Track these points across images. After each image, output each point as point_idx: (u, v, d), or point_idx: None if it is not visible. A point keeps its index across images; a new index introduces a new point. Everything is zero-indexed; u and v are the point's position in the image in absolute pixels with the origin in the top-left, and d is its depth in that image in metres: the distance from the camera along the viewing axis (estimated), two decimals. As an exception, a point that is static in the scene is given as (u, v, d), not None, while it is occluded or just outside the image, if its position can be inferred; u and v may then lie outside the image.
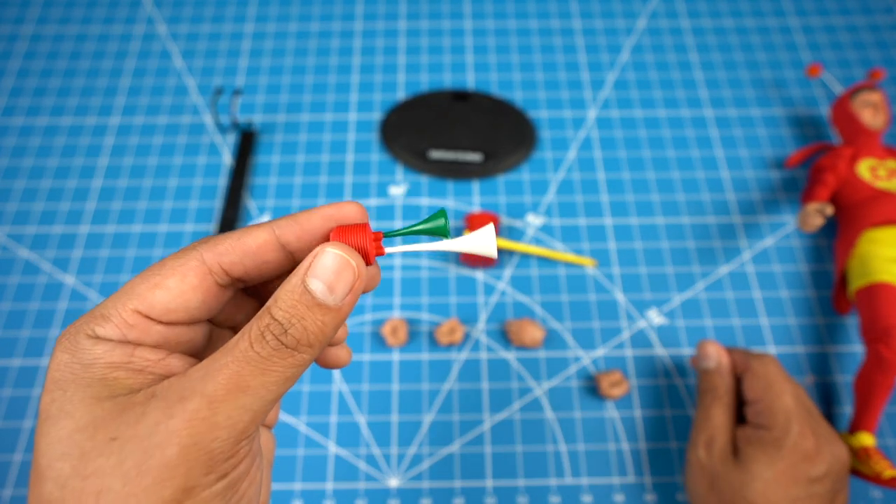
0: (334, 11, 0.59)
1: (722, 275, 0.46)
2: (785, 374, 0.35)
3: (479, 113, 0.52)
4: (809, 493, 0.32)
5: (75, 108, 0.53)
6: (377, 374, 0.42)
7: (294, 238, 0.18)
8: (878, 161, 0.45)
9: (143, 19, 0.59)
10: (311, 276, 0.16)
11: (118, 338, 0.17)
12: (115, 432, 0.15)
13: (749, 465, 0.32)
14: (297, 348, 0.16)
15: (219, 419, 0.15)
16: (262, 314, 0.16)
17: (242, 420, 0.15)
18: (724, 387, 0.36)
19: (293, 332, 0.16)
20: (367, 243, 0.17)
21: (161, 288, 0.17)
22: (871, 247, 0.41)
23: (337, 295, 0.16)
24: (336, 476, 0.39)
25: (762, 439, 0.33)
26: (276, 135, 0.52)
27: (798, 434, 0.32)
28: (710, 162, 0.51)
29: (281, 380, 0.16)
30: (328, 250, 0.16)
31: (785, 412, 0.33)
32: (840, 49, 0.57)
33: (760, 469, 0.32)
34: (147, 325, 0.17)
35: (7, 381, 0.42)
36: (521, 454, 0.40)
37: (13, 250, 0.47)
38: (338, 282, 0.16)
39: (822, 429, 0.34)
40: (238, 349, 0.16)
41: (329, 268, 0.16)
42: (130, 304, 0.17)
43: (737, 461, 0.33)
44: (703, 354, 0.38)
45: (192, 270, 0.17)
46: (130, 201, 0.49)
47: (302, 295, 0.16)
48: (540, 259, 0.46)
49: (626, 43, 0.58)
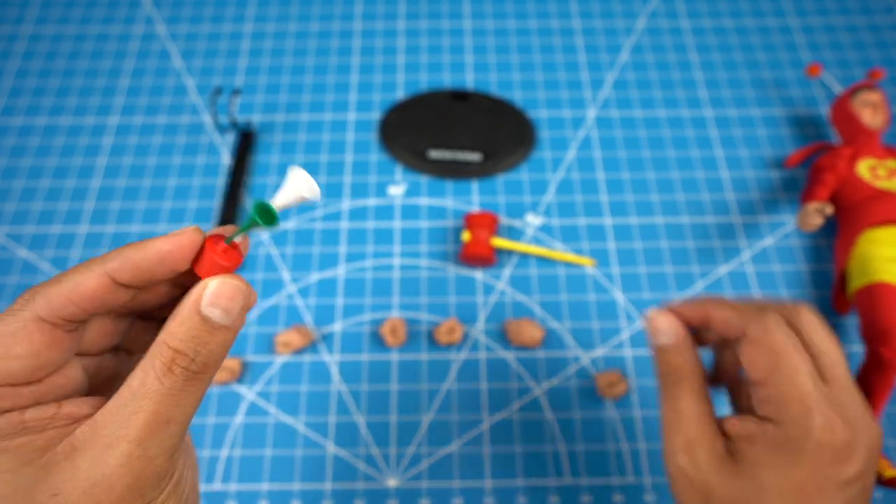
0: (333, 11, 0.59)
1: (721, 275, 0.46)
2: (798, 337, 0.25)
3: (479, 113, 0.52)
4: (845, 500, 0.23)
5: (74, 108, 0.53)
6: (376, 374, 0.42)
7: (132, 278, 0.18)
8: (877, 161, 0.45)
9: (143, 19, 0.59)
10: (206, 305, 0.17)
11: None
12: (54, 489, 0.16)
13: (756, 473, 0.24)
14: (204, 371, 0.18)
15: (152, 453, 0.17)
16: (158, 349, 0.17)
17: (172, 443, 0.17)
18: (689, 365, 0.27)
19: (200, 359, 0.17)
20: (226, 263, 0.18)
21: (10, 359, 0.16)
22: (870, 247, 0.41)
23: (232, 315, 0.18)
24: (335, 476, 0.39)
25: (771, 439, 0.24)
26: (275, 134, 0.52)
27: (823, 429, 0.23)
28: (710, 162, 0.51)
29: (195, 402, 0.18)
30: (213, 281, 0.18)
31: (801, 400, 0.23)
32: (840, 49, 0.57)
33: (772, 478, 0.23)
34: (15, 392, 0.17)
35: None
36: (520, 454, 0.40)
37: (12, 250, 0.47)
38: (231, 304, 0.18)
39: (852, 408, 0.24)
40: (148, 388, 0.17)
41: (223, 294, 0.17)
42: None
43: (737, 467, 0.24)
44: (654, 329, 0.28)
45: (35, 332, 0.17)
46: (129, 201, 0.49)
47: (202, 323, 0.17)
48: (539, 259, 0.46)
49: (625, 43, 0.57)
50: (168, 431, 0.17)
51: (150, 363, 0.17)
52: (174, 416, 0.17)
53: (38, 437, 0.16)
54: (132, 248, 0.18)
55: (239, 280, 0.18)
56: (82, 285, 0.17)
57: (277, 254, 0.46)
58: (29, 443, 0.16)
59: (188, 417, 0.18)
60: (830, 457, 0.23)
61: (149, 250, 0.18)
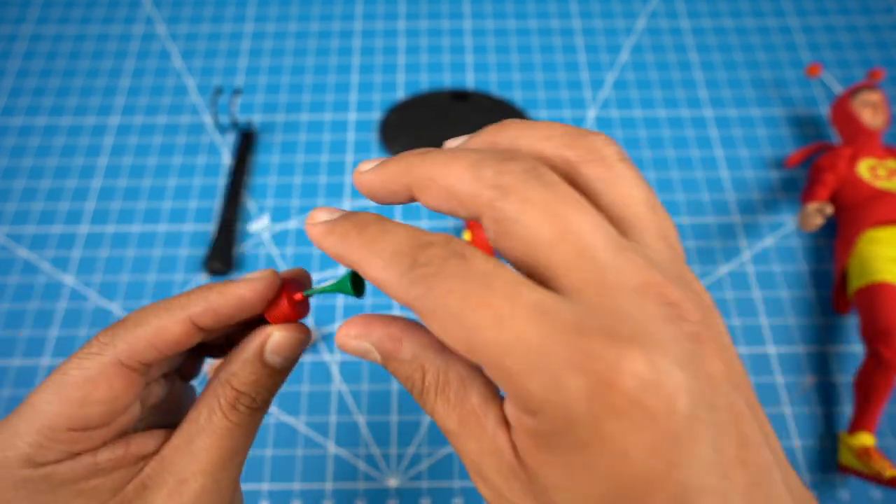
0: (334, 11, 0.59)
1: (722, 274, 0.46)
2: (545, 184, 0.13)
3: (479, 113, 0.52)
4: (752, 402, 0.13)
5: (74, 108, 0.53)
6: (376, 374, 0.42)
7: (213, 323, 0.18)
8: (877, 161, 0.45)
9: (143, 19, 0.59)
10: (270, 353, 0.18)
11: (65, 456, 0.16)
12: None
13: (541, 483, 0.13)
14: (265, 407, 0.19)
15: (223, 484, 0.18)
16: (223, 389, 0.18)
17: (238, 473, 0.19)
18: (417, 368, 0.16)
19: (260, 398, 0.19)
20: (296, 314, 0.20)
21: (89, 405, 0.16)
22: (870, 247, 0.41)
23: (291, 360, 0.19)
24: (335, 476, 0.39)
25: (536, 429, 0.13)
26: (275, 134, 0.52)
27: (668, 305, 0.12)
28: (710, 162, 0.51)
29: (256, 431, 0.19)
30: (276, 332, 0.18)
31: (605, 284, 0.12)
32: (840, 49, 0.57)
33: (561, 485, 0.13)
34: (87, 435, 0.17)
35: (6, 381, 0.42)
36: (521, 454, 0.40)
37: (12, 250, 0.47)
38: (293, 352, 0.19)
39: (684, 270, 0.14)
40: (215, 424, 0.18)
41: (286, 345, 0.18)
42: (63, 425, 0.16)
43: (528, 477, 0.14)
44: (346, 341, 0.17)
45: (116, 377, 0.17)
46: (130, 201, 0.49)
47: (263, 368, 0.18)
48: (539, 259, 0.46)
49: (625, 43, 0.58)
50: (235, 462, 0.18)
51: (214, 400, 0.18)
52: (240, 448, 0.18)
53: (109, 478, 0.17)
54: (214, 293, 0.18)
55: (301, 332, 0.19)
56: (166, 331, 0.17)
57: (278, 254, 0.46)
58: (101, 484, 0.17)
59: (249, 445, 0.19)
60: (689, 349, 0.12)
61: (230, 296, 0.18)
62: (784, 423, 0.41)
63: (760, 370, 0.42)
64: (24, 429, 0.16)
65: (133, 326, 0.17)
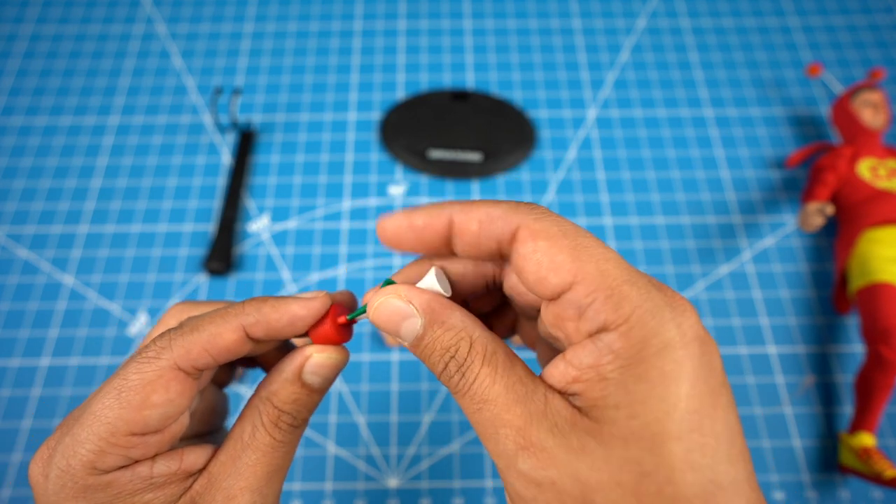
0: (333, 11, 0.59)
1: (722, 275, 0.46)
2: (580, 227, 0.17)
3: (479, 113, 0.52)
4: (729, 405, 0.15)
5: (74, 108, 0.53)
6: (376, 374, 0.42)
7: (263, 335, 0.19)
8: (878, 161, 0.45)
9: (143, 19, 0.59)
10: (310, 373, 0.19)
11: (125, 462, 0.17)
12: None
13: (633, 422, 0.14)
14: (304, 424, 0.20)
15: (269, 499, 0.18)
16: (265, 407, 0.19)
17: (280, 487, 0.19)
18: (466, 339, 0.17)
19: (301, 416, 0.19)
20: (339, 336, 0.20)
21: (148, 408, 0.17)
22: (871, 246, 0.41)
23: (329, 380, 0.20)
24: (335, 476, 0.39)
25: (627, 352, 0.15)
26: (275, 134, 0.52)
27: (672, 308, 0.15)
28: (710, 161, 0.51)
29: (296, 446, 0.20)
30: (316, 354, 0.19)
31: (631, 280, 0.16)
32: (840, 49, 0.57)
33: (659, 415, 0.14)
34: (144, 441, 0.17)
35: (6, 381, 0.42)
36: (521, 454, 0.40)
37: (12, 250, 0.47)
38: (331, 373, 0.19)
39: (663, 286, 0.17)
40: (259, 441, 0.18)
41: (325, 366, 0.19)
42: (123, 430, 0.17)
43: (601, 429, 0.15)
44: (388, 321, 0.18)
45: (172, 381, 0.17)
46: (129, 201, 0.49)
47: (301, 388, 0.19)
48: (539, 259, 0.46)
49: (625, 42, 0.57)
50: (279, 477, 0.19)
51: (257, 418, 0.18)
52: (283, 464, 0.19)
53: (161, 493, 0.17)
54: (269, 306, 0.19)
55: (340, 354, 0.19)
56: (220, 338, 0.18)
57: (278, 254, 0.46)
58: (155, 499, 0.17)
59: (291, 461, 0.20)
60: (701, 347, 0.15)
61: (284, 312, 0.19)
62: (784, 423, 0.41)
63: (761, 370, 0.42)
64: (86, 436, 0.16)
65: (189, 332, 0.18)
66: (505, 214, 0.17)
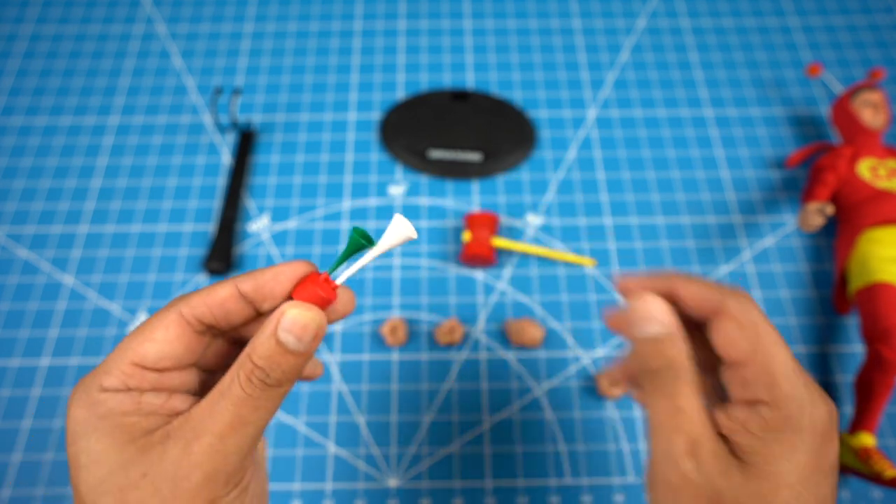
0: (333, 11, 0.59)
1: (722, 275, 0.46)
2: (767, 317, 0.24)
3: (479, 113, 0.52)
4: (832, 486, 0.22)
5: (74, 108, 0.53)
6: (376, 374, 0.42)
7: (251, 290, 0.22)
8: (878, 161, 0.45)
9: (143, 19, 0.59)
10: (282, 330, 0.20)
11: (122, 387, 0.20)
12: (144, 469, 0.19)
13: (765, 468, 0.21)
14: (279, 385, 0.20)
15: (229, 449, 0.19)
16: (244, 361, 0.20)
17: (246, 444, 0.20)
18: (683, 358, 0.23)
19: (274, 375, 0.20)
20: (321, 292, 0.21)
21: (150, 341, 0.20)
22: (871, 247, 0.41)
23: (304, 341, 0.20)
24: (335, 476, 0.39)
25: (770, 423, 0.21)
26: (275, 134, 0.52)
27: (812, 403, 0.21)
28: (710, 161, 0.51)
29: (271, 409, 0.20)
30: (291, 310, 0.20)
31: (788, 376, 0.21)
32: (840, 49, 0.57)
33: (782, 470, 0.21)
34: (143, 374, 0.20)
35: (6, 381, 0.42)
36: (521, 454, 0.40)
37: (12, 250, 0.47)
38: (303, 332, 0.20)
39: (810, 382, 0.23)
40: (232, 393, 0.19)
41: (297, 323, 0.20)
42: (127, 358, 0.20)
43: (742, 465, 0.21)
44: (644, 316, 0.24)
45: (173, 323, 0.21)
46: (129, 201, 0.49)
47: (276, 346, 0.20)
48: (539, 259, 0.46)
49: (625, 42, 0.57)
50: (244, 432, 0.19)
51: (236, 371, 0.20)
52: (253, 419, 0.20)
53: (144, 420, 0.20)
54: (258, 270, 0.22)
55: (314, 312, 0.20)
56: (215, 292, 0.22)
57: (278, 254, 0.46)
58: (137, 423, 0.19)
59: (263, 423, 0.20)
60: (822, 436, 0.21)
61: (269, 269, 0.22)
62: (784, 423, 0.41)
63: (761, 370, 0.42)
64: (105, 361, 0.21)
65: (196, 292, 0.22)
66: (716, 295, 0.23)
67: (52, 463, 0.39)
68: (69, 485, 0.39)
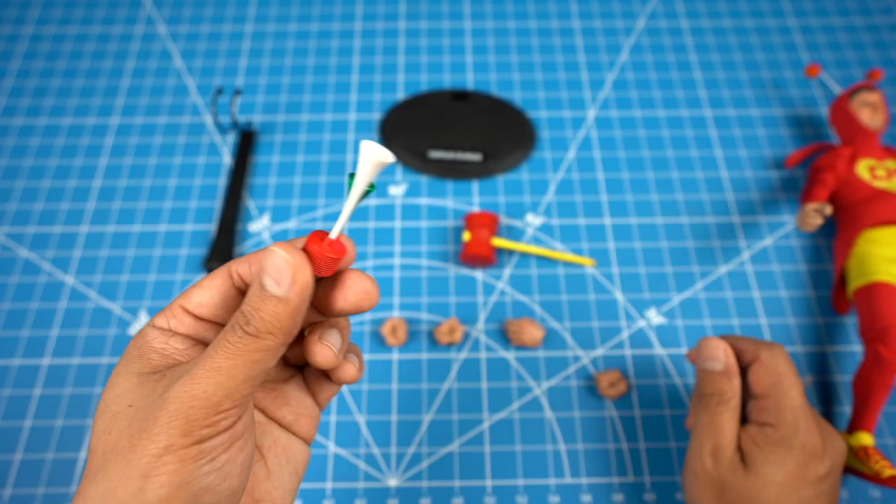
0: (334, 11, 0.59)
1: (721, 274, 0.46)
2: (793, 366, 0.33)
3: (479, 113, 0.52)
4: (818, 493, 0.31)
5: (75, 109, 0.53)
6: (377, 374, 0.42)
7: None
8: (876, 161, 0.45)
9: (144, 19, 0.59)
10: (263, 273, 0.19)
11: (165, 327, 0.22)
12: (132, 401, 0.19)
13: (759, 470, 0.31)
14: (259, 335, 0.19)
15: (196, 392, 0.18)
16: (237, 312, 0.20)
17: (216, 395, 0.19)
18: (733, 391, 0.33)
19: (254, 322, 0.19)
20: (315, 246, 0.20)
21: (200, 287, 0.22)
22: (869, 247, 0.41)
23: (283, 286, 0.19)
24: (335, 475, 0.39)
25: (770, 439, 0.31)
26: (275, 135, 0.52)
27: (806, 431, 0.31)
28: (710, 162, 0.51)
29: (248, 363, 0.19)
30: (272, 250, 0.19)
31: (793, 409, 0.31)
32: (839, 49, 0.57)
33: (772, 472, 0.31)
34: (183, 317, 0.22)
35: (7, 380, 0.42)
36: (521, 453, 0.40)
37: (13, 250, 0.47)
38: (280, 275, 0.19)
39: (822, 423, 0.33)
40: (219, 339, 0.19)
41: (274, 264, 0.19)
42: (180, 302, 0.22)
43: (745, 467, 0.31)
44: (709, 355, 0.33)
45: (221, 276, 0.22)
46: (130, 201, 0.49)
47: (258, 289, 0.19)
48: (539, 259, 0.46)
49: (625, 43, 0.58)
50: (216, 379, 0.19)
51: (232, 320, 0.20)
52: (224, 367, 0.19)
53: (161, 359, 0.21)
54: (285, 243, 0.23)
55: (291, 254, 0.19)
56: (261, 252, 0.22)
57: (278, 254, 0.46)
58: (153, 360, 0.21)
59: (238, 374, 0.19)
60: (810, 454, 0.31)
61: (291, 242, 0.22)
62: (783, 422, 0.41)
63: (760, 370, 0.42)
64: (169, 305, 0.22)
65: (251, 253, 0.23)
66: (755, 347, 0.33)
67: (53, 462, 0.39)
68: (70, 484, 0.39)
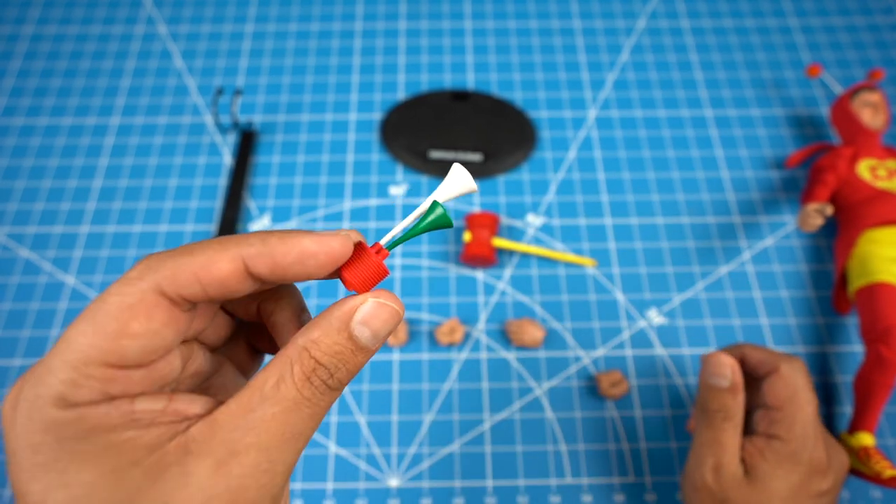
0: (334, 11, 0.59)
1: (722, 274, 0.46)
2: (811, 382, 0.32)
3: (479, 113, 0.52)
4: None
5: (76, 109, 0.53)
6: (377, 374, 0.42)
7: (267, 272, 0.16)
8: (877, 161, 0.45)
9: (144, 19, 0.59)
10: (360, 323, 0.16)
11: (101, 397, 0.14)
12: (163, 498, 0.14)
13: (765, 484, 0.30)
14: (340, 388, 0.16)
15: (279, 468, 0.15)
16: (299, 356, 0.16)
17: (294, 460, 0.16)
18: (738, 407, 0.32)
19: (338, 376, 0.16)
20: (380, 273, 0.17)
21: (126, 337, 0.15)
22: (870, 247, 0.41)
23: (379, 339, 0.17)
24: (336, 476, 0.39)
25: (778, 453, 0.31)
26: (276, 135, 0.52)
27: (814, 447, 0.30)
28: (710, 162, 0.51)
29: (323, 416, 0.16)
30: (373, 301, 0.16)
31: (805, 424, 0.31)
32: (840, 49, 0.57)
33: (777, 486, 0.30)
34: (125, 375, 0.15)
35: (8, 380, 0.42)
36: (521, 454, 0.40)
37: (14, 250, 0.47)
38: (384, 328, 0.16)
39: (828, 438, 0.32)
40: (282, 395, 0.15)
41: (378, 317, 0.16)
42: (98, 360, 0.14)
43: (749, 480, 0.31)
44: (715, 372, 0.33)
45: (155, 309, 0.15)
46: (131, 201, 0.49)
47: (348, 341, 0.16)
48: (540, 259, 0.46)
49: (625, 43, 0.58)
50: (295, 446, 0.15)
51: (287, 368, 0.15)
52: (304, 429, 0.16)
53: (146, 433, 0.15)
54: (276, 237, 0.16)
55: (396, 305, 0.17)
56: (214, 266, 0.15)
57: (279, 254, 0.46)
58: (137, 438, 0.14)
59: (313, 434, 0.16)
60: (815, 469, 0.31)
61: (293, 246, 0.16)
62: (784, 422, 0.41)
63: (760, 370, 0.42)
64: (58, 365, 0.14)
65: (180, 255, 0.15)
66: (775, 359, 0.33)
67: (54, 462, 0.39)
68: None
